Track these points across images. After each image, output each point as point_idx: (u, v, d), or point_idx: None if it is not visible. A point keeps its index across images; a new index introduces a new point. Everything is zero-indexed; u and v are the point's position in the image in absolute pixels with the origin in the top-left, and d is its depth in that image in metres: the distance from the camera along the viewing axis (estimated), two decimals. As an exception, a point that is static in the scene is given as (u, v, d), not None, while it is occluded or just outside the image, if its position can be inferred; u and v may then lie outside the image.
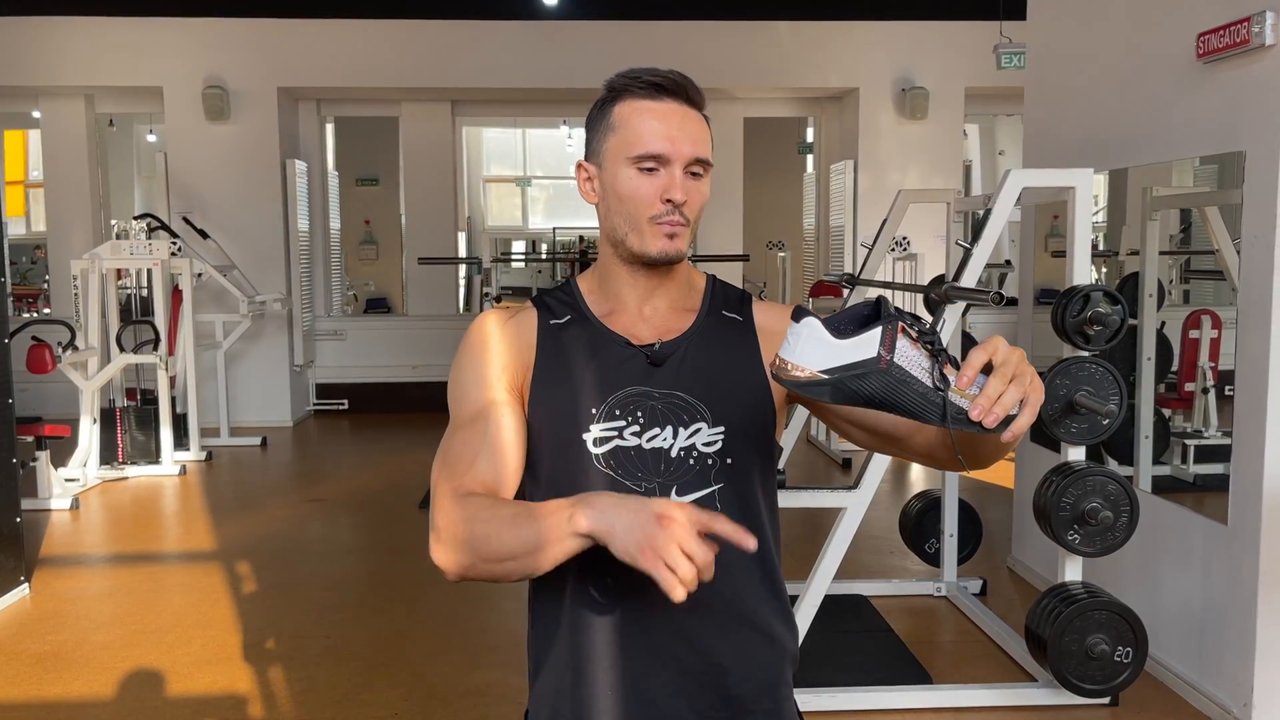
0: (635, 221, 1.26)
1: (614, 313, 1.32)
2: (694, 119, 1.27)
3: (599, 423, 1.25)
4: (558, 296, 1.35)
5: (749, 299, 1.37)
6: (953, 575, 4.37)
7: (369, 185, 11.72)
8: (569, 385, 1.27)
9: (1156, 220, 4.17)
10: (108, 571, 5.02)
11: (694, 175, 1.26)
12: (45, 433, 5.83)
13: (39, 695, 3.51)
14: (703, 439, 1.25)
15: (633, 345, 1.28)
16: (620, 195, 1.26)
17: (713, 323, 1.32)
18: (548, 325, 1.31)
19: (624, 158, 1.26)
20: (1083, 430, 3.25)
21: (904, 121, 8.48)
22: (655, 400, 1.25)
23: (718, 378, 1.28)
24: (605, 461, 1.24)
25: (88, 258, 6.74)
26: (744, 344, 1.32)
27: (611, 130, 1.28)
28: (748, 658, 1.27)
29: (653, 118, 1.25)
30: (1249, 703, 3.10)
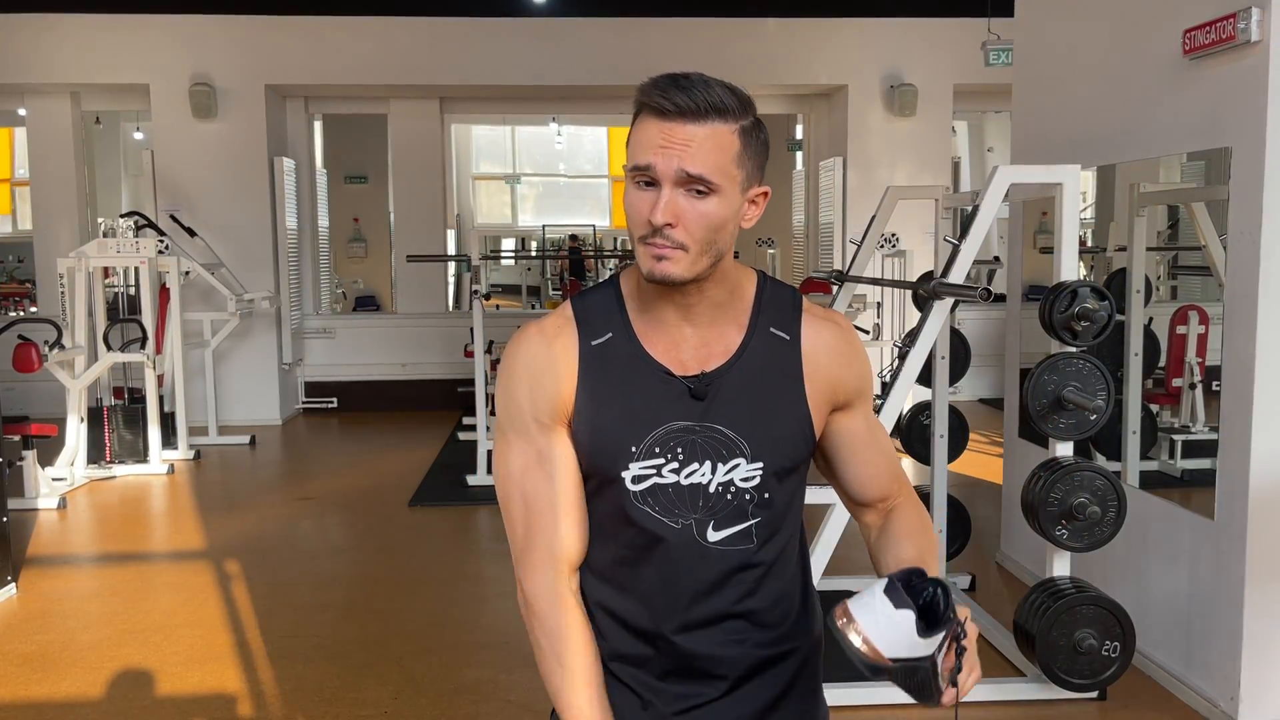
0: (633, 240, 1.21)
1: (654, 329, 1.26)
2: (703, 133, 1.16)
3: (639, 460, 1.23)
4: (599, 304, 1.28)
5: (799, 308, 1.30)
6: (941, 571, 4.38)
7: (357, 183, 11.69)
8: (610, 420, 1.24)
9: (1144, 216, 4.19)
10: (95, 571, 5.00)
11: (695, 193, 1.17)
12: (32, 432, 5.80)
13: (26, 696, 3.49)
14: (741, 474, 1.24)
15: (674, 376, 1.24)
16: (625, 210, 1.22)
17: (759, 346, 1.27)
18: (589, 347, 1.25)
19: (625, 170, 1.21)
20: (1070, 426, 3.26)
21: (893, 118, 8.49)
22: (695, 435, 1.23)
23: (759, 412, 1.25)
24: (643, 499, 1.24)
25: (74, 256, 6.71)
26: (788, 371, 1.27)
27: (629, 144, 1.22)
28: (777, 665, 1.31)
29: (652, 131, 1.17)
30: (1236, 696, 3.12)
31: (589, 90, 8.82)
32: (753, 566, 1.26)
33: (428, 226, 9.23)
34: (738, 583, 1.26)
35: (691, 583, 1.25)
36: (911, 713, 3.31)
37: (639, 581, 1.26)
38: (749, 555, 1.25)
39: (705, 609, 1.26)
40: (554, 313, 1.29)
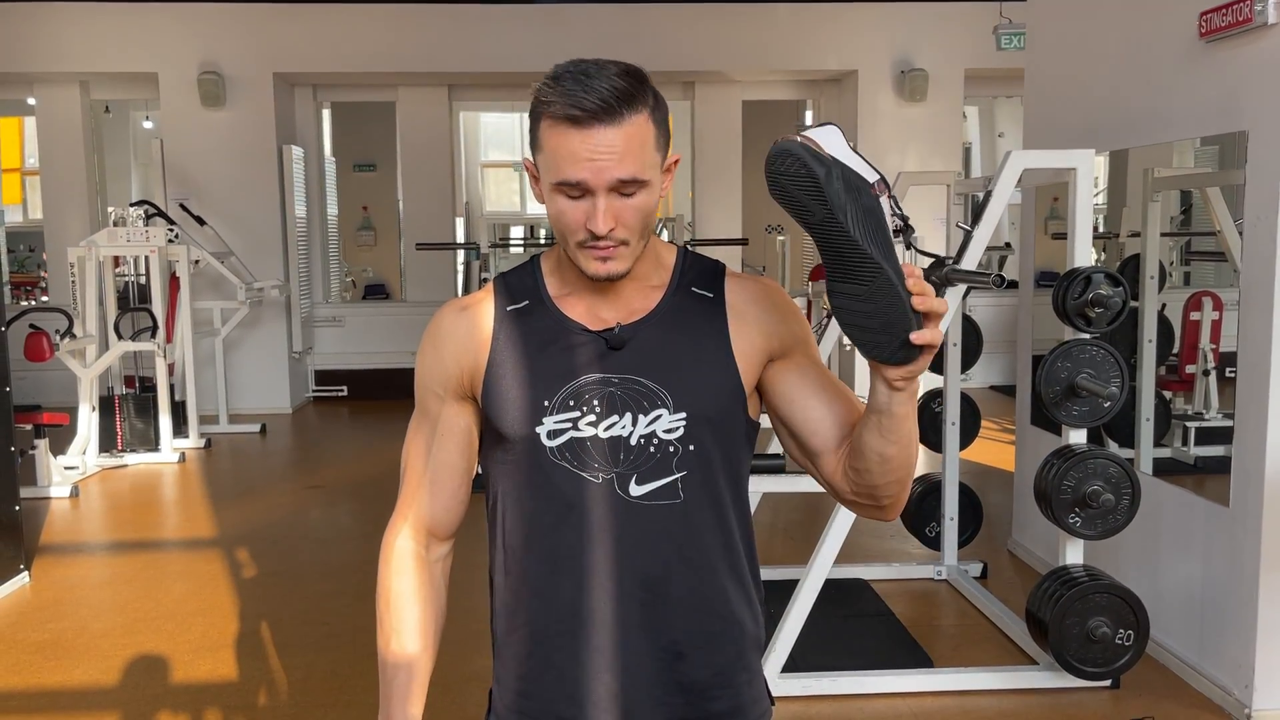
0: (567, 242, 1.21)
1: (573, 295, 1.27)
2: (623, 134, 1.15)
3: (552, 414, 1.21)
4: (520, 277, 1.31)
5: (722, 272, 1.30)
6: (953, 559, 4.36)
7: (366, 171, 11.69)
8: (521, 378, 1.23)
9: (1158, 202, 4.15)
10: (108, 559, 5.01)
11: (624, 195, 1.17)
12: (44, 420, 5.82)
13: (39, 683, 3.51)
14: (663, 426, 1.21)
15: (590, 331, 1.24)
16: (551, 215, 1.21)
17: (679, 301, 1.26)
18: (504, 312, 1.27)
19: (549, 182, 1.18)
20: (1084, 413, 3.23)
21: (903, 104, 8.44)
22: (613, 387, 1.21)
23: (680, 361, 1.23)
24: (560, 454, 1.22)
25: (84, 245, 6.71)
26: (712, 324, 1.26)
27: (539, 148, 1.20)
28: (707, 644, 1.26)
29: (573, 142, 1.15)
30: (1250, 684, 3.10)
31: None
32: (679, 526, 1.22)
33: (436, 214, 9.22)
34: (664, 541, 1.22)
35: (615, 536, 1.21)
36: (920, 700, 3.30)
37: (565, 541, 1.22)
38: (673, 512, 1.22)
39: (631, 569, 1.22)
40: (474, 291, 1.36)
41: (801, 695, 3.29)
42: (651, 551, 1.22)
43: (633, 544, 1.22)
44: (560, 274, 1.29)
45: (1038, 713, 3.22)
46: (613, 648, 1.24)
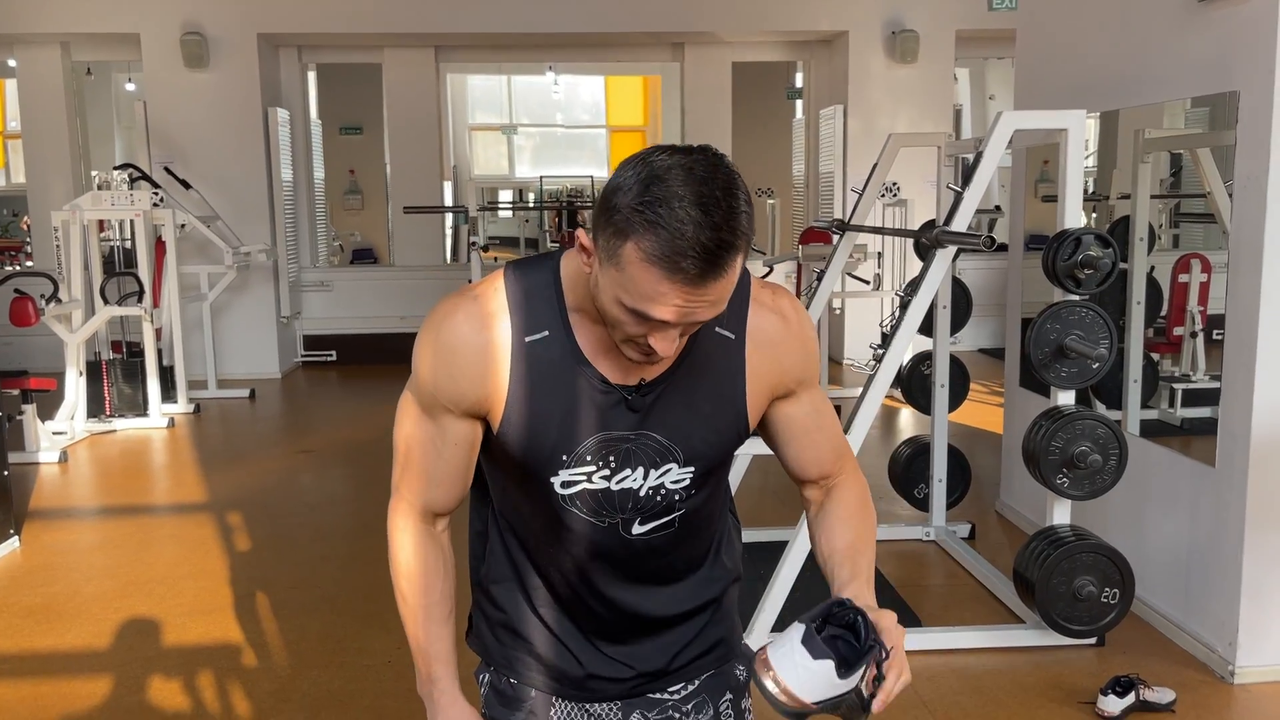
0: (612, 332, 1.13)
1: (594, 329, 1.18)
2: (724, 282, 1.04)
3: (569, 468, 1.20)
4: (537, 291, 1.19)
5: (747, 299, 1.22)
6: (941, 520, 4.40)
7: (352, 134, 11.58)
8: (539, 426, 1.19)
9: (1148, 163, 4.15)
10: (98, 524, 5.01)
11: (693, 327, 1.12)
12: (31, 385, 5.79)
13: (32, 647, 3.52)
14: (671, 478, 1.23)
15: (612, 386, 1.18)
16: (603, 310, 1.11)
17: (702, 348, 1.20)
18: (522, 344, 1.17)
19: (615, 296, 1.06)
20: (1072, 374, 3.25)
21: (894, 65, 8.39)
22: (629, 443, 1.20)
23: (695, 417, 1.21)
24: (571, 501, 1.23)
25: (68, 209, 6.65)
26: (731, 370, 1.22)
27: (615, 263, 1.04)
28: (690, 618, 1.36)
29: (664, 287, 1.02)
30: (1234, 641, 3.14)
31: (587, 38, 8.71)
32: (671, 546, 1.29)
33: (424, 178, 9.15)
34: (658, 559, 1.30)
35: (610, 563, 1.28)
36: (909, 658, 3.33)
37: (566, 558, 1.28)
38: (669, 538, 1.28)
39: (626, 581, 1.30)
40: (484, 292, 1.19)
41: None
42: (647, 568, 1.30)
43: (629, 565, 1.29)
44: (581, 292, 1.18)
45: (1024, 670, 3.26)
46: (611, 631, 1.33)
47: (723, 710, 1.39)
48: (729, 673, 1.41)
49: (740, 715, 1.42)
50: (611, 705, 1.36)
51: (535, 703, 1.36)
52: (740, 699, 1.42)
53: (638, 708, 1.36)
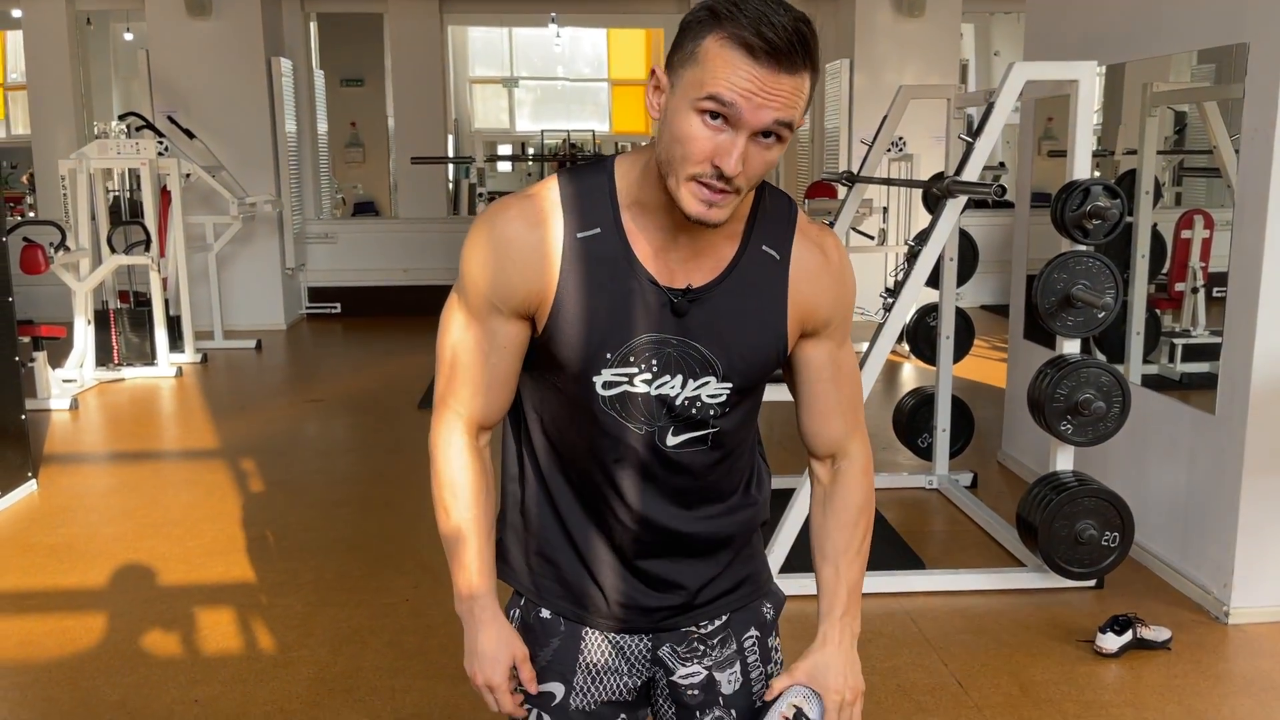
0: (678, 169, 1.12)
1: (646, 230, 1.20)
2: (793, 83, 1.08)
3: (611, 367, 1.21)
4: (590, 193, 1.21)
5: (794, 223, 1.26)
6: (944, 469, 4.47)
7: (354, 86, 11.51)
8: (586, 323, 1.20)
9: (1155, 117, 4.17)
10: (112, 469, 5.09)
11: (764, 144, 1.10)
12: (42, 333, 5.84)
13: (55, 584, 3.60)
14: (709, 391, 1.24)
15: (659, 287, 1.20)
16: (675, 136, 1.11)
17: (749, 263, 1.23)
18: (574, 240, 1.19)
19: (691, 97, 1.09)
20: (1078, 323, 3.31)
21: (901, 19, 8.36)
22: (671, 349, 1.22)
23: (738, 334, 1.23)
24: (609, 403, 1.23)
25: (75, 158, 6.65)
26: (775, 291, 1.24)
27: (694, 60, 1.09)
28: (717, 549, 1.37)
29: (740, 71, 1.06)
30: (1229, 583, 3.23)
31: None
32: (705, 465, 1.30)
33: (427, 130, 9.13)
34: (689, 477, 1.30)
35: (646, 475, 1.28)
36: (913, 599, 3.43)
37: (601, 468, 1.28)
38: (702, 455, 1.29)
39: (659, 497, 1.29)
40: (538, 191, 1.22)
41: (798, 594, 3.39)
42: (680, 484, 1.29)
43: (663, 479, 1.29)
44: (637, 194, 1.20)
45: (1025, 611, 3.35)
46: (641, 554, 1.32)
47: (746, 645, 1.40)
48: (756, 609, 1.41)
49: (766, 653, 1.42)
50: (640, 638, 1.37)
51: (565, 634, 1.36)
52: (767, 637, 1.42)
53: (667, 641, 1.37)
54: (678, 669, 1.37)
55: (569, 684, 1.36)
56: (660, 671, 1.38)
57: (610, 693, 1.37)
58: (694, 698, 1.37)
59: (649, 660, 1.37)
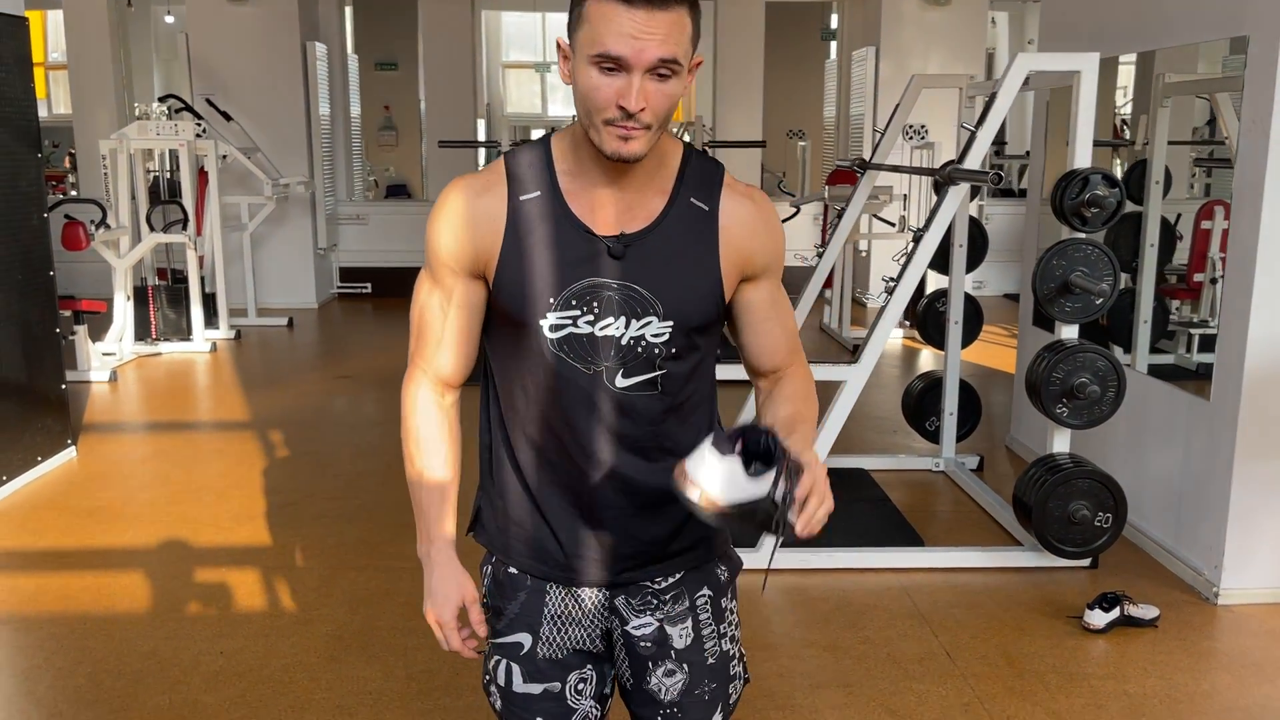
0: (593, 119, 1.26)
1: (582, 190, 1.34)
2: (668, 19, 1.22)
3: (555, 311, 1.32)
4: (530, 162, 1.36)
5: (720, 182, 1.39)
6: (951, 452, 4.57)
7: (388, 70, 11.69)
8: (531, 272, 1.33)
9: (1167, 108, 4.22)
10: (148, 438, 5.29)
11: (660, 76, 1.24)
12: (83, 307, 6.06)
13: (93, 544, 3.79)
14: (652, 330, 1.34)
15: (596, 235, 1.32)
16: (581, 91, 1.26)
17: (678, 213, 1.35)
18: (517, 202, 1.33)
19: (587, 55, 1.24)
20: (1076, 309, 3.39)
21: (927, 7, 8.38)
22: (612, 291, 1.32)
23: (674, 275, 1.34)
24: (558, 345, 1.34)
25: (116, 138, 6.86)
26: (705, 238, 1.36)
27: (582, 22, 1.24)
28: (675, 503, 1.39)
29: (619, 19, 1.20)
30: (1219, 565, 3.31)
31: None
32: (657, 412, 1.38)
33: (458, 115, 9.28)
34: (643, 423, 1.38)
35: (599, 419, 1.37)
36: (909, 575, 3.53)
37: (557, 414, 1.38)
38: (654, 400, 1.37)
39: (612, 443, 1.38)
40: (486, 169, 1.38)
41: (799, 568, 3.53)
42: (631, 431, 1.38)
43: (616, 423, 1.37)
44: (572, 161, 1.34)
45: (1019, 588, 3.45)
46: (597, 503, 1.41)
47: (699, 604, 1.48)
48: (710, 570, 1.50)
49: (720, 613, 1.50)
50: (598, 590, 1.45)
51: (531, 588, 1.46)
52: (721, 598, 1.50)
53: (623, 593, 1.46)
54: (631, 619, 1.46)
55: (536, 634, 1.46)
56: (616, 621, 1.47)
57: (575, 642, 1.47)
58: (646, 649, 1.46)
59: (606, 610, 1.47)
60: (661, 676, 1.47)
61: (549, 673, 1.47)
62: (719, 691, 1.51)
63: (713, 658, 1.49)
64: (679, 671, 1.47)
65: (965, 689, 2.82)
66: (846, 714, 2.70)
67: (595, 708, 1.51)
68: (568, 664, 1.48)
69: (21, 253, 4.41)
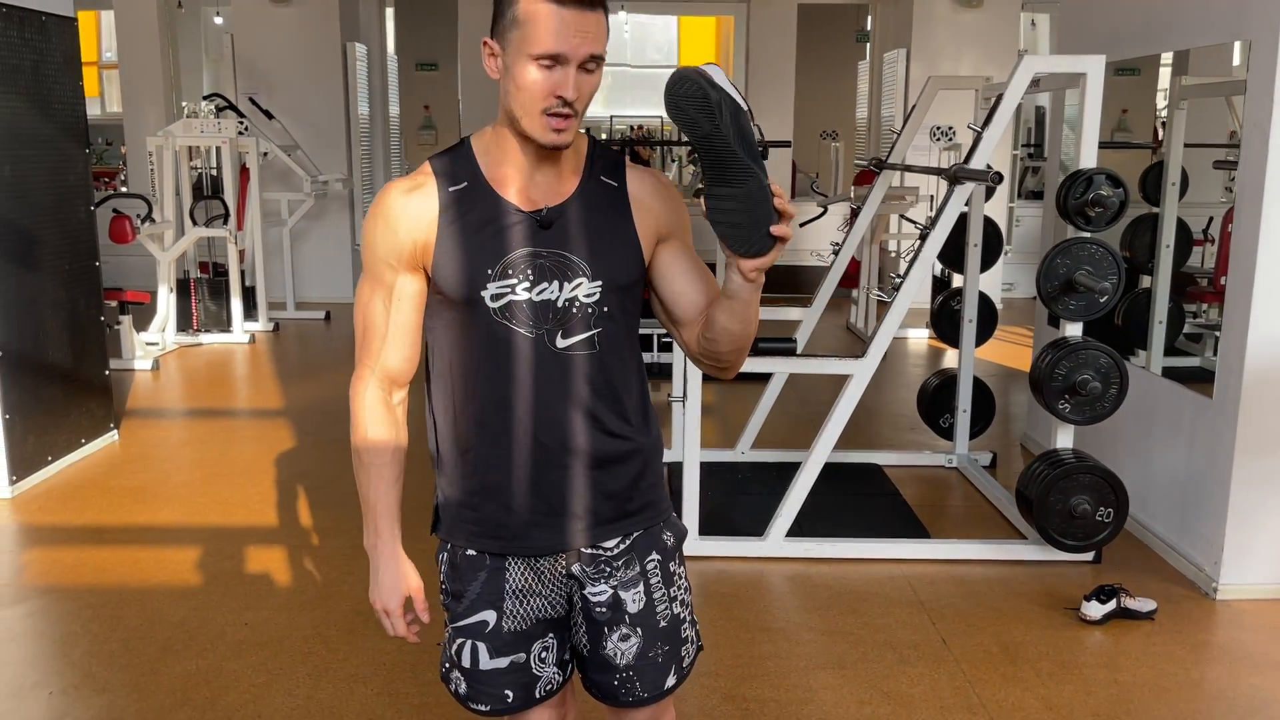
0: (530, 110, 1.39)
1: (506, 177, 1.47)
2: (594, 19, 1.38)
3: (494, 281, 1.44)
4: (454, 160, 1.49)
5: (623, 164, 1.54)
6: (964, 448, 4.63)
7: (428, 70, 11.91)
8: (466, 251, 1.44)
9: (1183, 109, 4.25)
10: (187, 424, 5.50)
11: (588, 70, 1.39)
12: (128, 298, 6.28)
13: (133, 521, 3.98)
14: (584, 291, 1.46)
15: (523, 211, 1.46)
16: (519, 85, 1.39)
17: (593, 188, 1.50)
18: (448, 193, 1.46)
19: (525, 54, 1.37)
20: (1080, 307, 3.45)
21: (959, 9, 8.42)
22: (543, 259, 1.45)
23: (596, 239, 1.48)
24: (500, 314, 1.45)
25: (162, 135, 7.10)
26: (619, 208, 1.51)
27: (516, 24, 1.37)
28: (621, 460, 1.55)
29: (556, 20, 1.35)
30: (1219, 560, 3.36)
31: None
32: (595, 370, 1.49)
33: (494, 114, 9.39)
34: (583, 381, 1.49)
35: (546, 380, 1.48)
36: (913, 565, 3.61)
37: (502, 383, 1.48)
38: (592, 359, 1.49)
39: (557, 404, 1.48)
40: (415, 172, 1.50)
41: (804, 557, 3.63)
42: (574, 390, 1.49)
43: (559, 384, 1.48)
44: (493, 154, 1.48)
45: (1020, 580, 3.51)
46: (544, 466, 1.51)
47: (649, 568, 1.58)
48: (657, 535, 1.59)
49: (669, 577, 1.60)
50: (554, 559, 1.55)
51: (490, 567, 1.55)
52: (669, 562, 1.60)
53: (578, 560, 1.55)
54: (588, 585, 1.57)
55: (500, 610, 1.56)
56: (575, 586, 1.58)
57: (538, 611, 1.58)
58: (602, 615, 1.57)
59: (564, 576, 1.57)
60: (617, 641, 1.57)
61: (515, 644, 1.58)
62: (671, 654, 1.61)
63: (664, 620, 1.59)
64: (633, 635, 1.57)
65: (958, 673, 2.91)
66: (840, 694, 2.80)
67: (558, 674, 1.63)
68: (531, 634, 1.58)
69: (70, 244, 4.62)
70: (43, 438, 4.40)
